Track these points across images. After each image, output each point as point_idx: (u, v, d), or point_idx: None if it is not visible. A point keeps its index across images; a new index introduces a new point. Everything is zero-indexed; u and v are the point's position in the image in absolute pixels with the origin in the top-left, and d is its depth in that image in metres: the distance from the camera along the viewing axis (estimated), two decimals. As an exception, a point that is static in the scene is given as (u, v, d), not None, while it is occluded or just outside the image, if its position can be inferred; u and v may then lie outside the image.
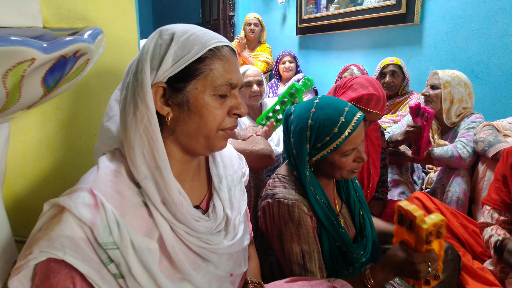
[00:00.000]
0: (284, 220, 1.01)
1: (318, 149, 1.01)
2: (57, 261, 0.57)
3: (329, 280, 0.90)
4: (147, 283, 0.62)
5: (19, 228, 1.00)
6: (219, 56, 0.68)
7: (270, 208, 1.05)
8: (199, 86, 0.66)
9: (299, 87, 1.82)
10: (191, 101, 0.66)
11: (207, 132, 0.69)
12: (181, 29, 0.67)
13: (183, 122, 0.68)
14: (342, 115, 0.99)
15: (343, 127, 0.98)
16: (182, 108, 0.67)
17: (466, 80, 1.87)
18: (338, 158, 1.01)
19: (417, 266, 0.87)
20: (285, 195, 1.03)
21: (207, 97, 0.67)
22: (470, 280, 1.39)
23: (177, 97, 0.67)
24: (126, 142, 0.66)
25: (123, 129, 0.67)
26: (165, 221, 0.67)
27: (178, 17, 6.42)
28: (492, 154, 1.60)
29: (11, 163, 1.02)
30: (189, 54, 0.65)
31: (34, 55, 0.64)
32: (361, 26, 2.91)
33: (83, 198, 0.61)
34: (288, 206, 1.01)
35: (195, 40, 0.66)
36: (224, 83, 0.68)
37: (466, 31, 2.21)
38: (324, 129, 0.99)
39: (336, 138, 0.98)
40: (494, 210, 1.44)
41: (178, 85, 0.66)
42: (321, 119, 1.00)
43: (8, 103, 0.69)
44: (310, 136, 1.01)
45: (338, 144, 0.98)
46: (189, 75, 0.66)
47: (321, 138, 1.00)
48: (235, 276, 0.80)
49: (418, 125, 1.70)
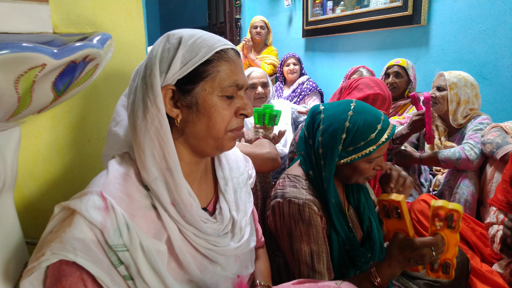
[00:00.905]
0: (294, 220, 1.01)
1: (349, 152, 1.00)
2: (68, 264, 0.59)
3: (336, 283, 0.90)
4: (155, 284, 0.63)
5: (29, 230, 1.02)
6: (226, 58, 0.70)
7: (280, 207, 1.05)
8: (207, 87, 0.68)
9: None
10: (200, 102, 0.68)
11: (216, 133, 0.70)
12: (188, 33, 0.69)
13: (192, 124, 0.70)
14: (379, 123, 0.99)
15: (380, 134, 0.98)
16: (191, 110, 0.69)
17: (472, 81, 1.85)
18: (363, 164, 1.01)
19: (420, 251, 0.89)
20: (296, 194, 1.03)
21: (215, 98, 0.69)
22: (479, 283, 1.38)
23: (186, 98, 0.68)
24: (136, 144, 0.68)
25: (133, 132, 0.68)
26: (174, 223, 0.68)
27: (184, 21, 6.46)
28: (500, 156, 1.58)
29: (22, 166, 1.04)
30: (197, 57, 0.67)
31: (45, 60, 0.65)
32: (367, 28, 2.90)
33: (94, 201, 0.62)
34: (299, 206, 1.01)
35: (202, 43, 0.68)
36: (231, 84, 0.70)
37: (473, 32, 2.20)
38: (361, 134, 0.99)
39: (371, 145, 0.98)
40: (500, 211, 1.43)
41: (186, 87, 0.68)
42: (360, 123, 0.99)
43: (20, 107, 0.70)
44: (345, 138, 1.00)
45: (371, 151, 0.98)
46: (197, 77, 0.67)
47: (357, 142, 0.99)
48: (242, 278, 0.81)
49: (422, 112, 1.72)
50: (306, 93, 3.05)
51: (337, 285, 0.89)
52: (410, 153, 1.89)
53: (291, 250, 1.03)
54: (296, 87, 3.14)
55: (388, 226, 0.98)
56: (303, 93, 3.06)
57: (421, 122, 1.73)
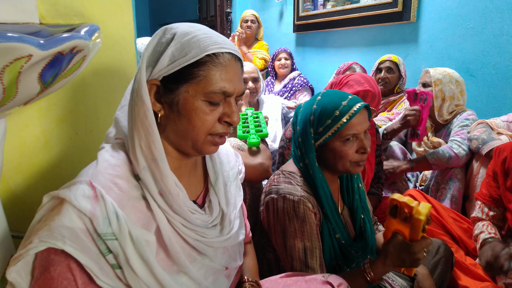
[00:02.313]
0: (288, 216, 1.02)
1: (320, 133, 1.03)
2: (56, 253, 0.58)
3: (323, 276, 0.91)
4: (144, 274, 0.63)
5: (15, 224, 1.01)
6: (216, 63, 0.67)
7: (275, 203, 1.05)
8: (190, 90, 0.67)
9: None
10: (181, 103, 0.67)
11: (195, 135, 0.69)
12: (184, 30, 0.67)
13: (173, 122, 0.69)
14: (345, 100, 1.02)
15: (345, 110, 1.00)
16: (172, 108, 0.68)
17: (458, 77, 1.88)
18: (339, 145, 1.02)
19: (417, 255, 0.91)
20: (291, 191, 1.04)
21: (197, 102, 0.67)
22: (463, 275, 1.41)
23: (168, 96, 0.68)
24: (129, 134, 0.69)
25: (128, 122, 0.71)
26: (162, 213, 0.69)
27: (174, 14, 6.39)
28: (486, 152, 1.62)
29: (8, 158, 1.02)
30: (185, 57, 0.65)
31: (31, 51, 0.64)
32: (357, 23, 2.92)
33: (83, 190, 0.62)
34: (294, 202, 1.02)
35: (195, 43, 0.66)
36: (216, 91, 0.67)
37: (462, 30, 2.23)
38: (326, 112, 1.02)
39: (337, 121, 1.00)
40: (485, 205, 1.47)
41: (171, 86, 0.67)
42: (324, 103, 1.03)
43: (5, 99, 0.69)
44: (313, 120, 1.04)
45: (339, 127, 1.00)
46: (182, 77, 0.66)
47: (323, 121, 1.02)
48: (230, 270, 0.82)
49: (417, 109, 1.72)
50: (297, 88, 3.05)
51: (324, 278, 0.90)
52: (398, 166, 1.89)
53: (284, 246, 1.04)
54: (288, 82, 3.14)
55: (389, 224, 0.99)
56: (294, 89, 3.06)
57: (413, 118, 1.74)
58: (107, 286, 0.61)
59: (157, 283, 0.65)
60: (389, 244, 0.97)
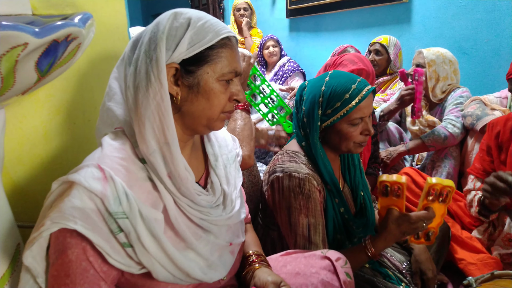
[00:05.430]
0: (294, 193, 1.04)
1: (328, 115, 1.04)
2: (72, 236, 0.61)
3: (322, 251, 0.94)
4: (155, 250, 0.66)
5: (20, 214, 1.02)
6: (229, 45, 0.72)
7: (280, 181, 1.07)
8: (209, 71, 0.70)
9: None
10: (202, 84, 0.70)
11: (211, 114, 0.73)
12: (197, 15, 0.71)
13: (190, 103, 0.72)
14: (354, 84, 1.03)
15: (355, 94, 1.01)
16: (191, 90, 0.71)
17: (451, 57, 1.89)
18: (346, 127, 1.04)
19: (415, 225, 0.97)
20: (296, 169, 1.06)
21: (215, 82, 0.71)
22: (459, 248, 1.45)
23: (188, 79, 0.70)
24: (136, 117, 0.68)
25: (134, 105, 0.69)
26: (169, 194, 0.71)
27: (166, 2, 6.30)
28: (480, 127, 1.64)
29: (8, 150, 1.03)
30: (204, 41, 0.69)
31: (27, 39, 0.64)
32: (350, 6, 2.91)
33: (92, 173, 0.64)
34: (300, 180, 1.04)
35: (210, 27, 0.70)
36: (231, 71, 0.73)
37: (454, 8, 2.23)
38: (336, 95, 1.02)
39: (347, 104, 1.01)
40: (477, 179, 1.49)
41: (190, 68, 0.70)
42: (334, 85, 1.03)
43: (4, 88, 0.70)
44: (322, 102, 1.04)
45: (348, 110, 1.01)
46: (201, 59, 0.70)
47: (332, 103, 1.03)
48: (234, 246, 0.85)
49: (411, 87, 1.75)
50: (288, 74, 3.00)
51: (322, 253, 0.92)
52: (394, 150, 1.91)
53: (289, 223, 1.06)
54: (278, 70, 3.09)
55: (383, 203, 1.03)
56: (285, 75, 3.02)
57: (410, 97, 1.76)
58: (119, 264, 0.64)
59: (167, 258, 0.67)
60: (387, 219, 1.00)
